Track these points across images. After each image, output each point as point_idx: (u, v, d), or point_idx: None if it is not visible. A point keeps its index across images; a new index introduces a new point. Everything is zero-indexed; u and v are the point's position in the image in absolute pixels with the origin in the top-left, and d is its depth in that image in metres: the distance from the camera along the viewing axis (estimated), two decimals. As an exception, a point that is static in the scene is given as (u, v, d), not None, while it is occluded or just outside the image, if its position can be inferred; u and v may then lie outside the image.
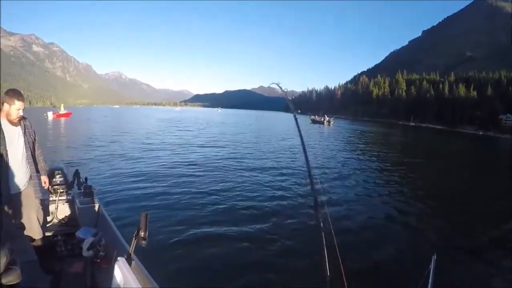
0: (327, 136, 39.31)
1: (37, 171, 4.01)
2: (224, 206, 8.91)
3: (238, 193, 10.31)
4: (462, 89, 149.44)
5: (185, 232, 6.87)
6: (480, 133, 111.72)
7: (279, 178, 13.20)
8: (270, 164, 16.56)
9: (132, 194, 9.52)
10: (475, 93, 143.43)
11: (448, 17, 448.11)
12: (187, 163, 15.20)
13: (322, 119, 70.23)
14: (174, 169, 13.60)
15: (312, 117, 76.57)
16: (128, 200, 8.93)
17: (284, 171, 14.76)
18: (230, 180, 12.02)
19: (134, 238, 2.21)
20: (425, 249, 7.16)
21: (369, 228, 8.16)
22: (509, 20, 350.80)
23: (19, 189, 3.69)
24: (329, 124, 65.64)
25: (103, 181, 10.75)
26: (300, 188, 11.29)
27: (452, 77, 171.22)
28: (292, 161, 17.88)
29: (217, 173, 13.20)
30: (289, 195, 10.49)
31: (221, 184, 11.30)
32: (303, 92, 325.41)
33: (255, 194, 10.23)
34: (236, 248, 6.37)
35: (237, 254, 6.17)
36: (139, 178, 11.48)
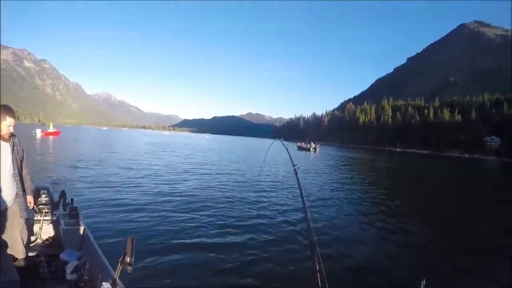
0: (312, 162, 39.50)
1: (23, 190, 3.94)
2: (212, 229, 8.85)
3: (224, 215, 10.23)
4: (446, 114, 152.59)
5: (171, 257, 6.80)
6: (466, 156, 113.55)
7: (265, 204, 13.34)
8: (258, 189, 16.63)
9: (119, 218, 9.27)
10: (459, 117, 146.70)
11: (432, 43, 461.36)
12: (174, 188, 15.05)
13: (308, 146, 70.77)
14: (162, 194, 13.42)
15: (299, 144, 77.29)
16: (114, 224, 8.48)
17: (270, 196, 14.84)
18: (217, 205, 11.95)
19: (119, 263, 2.15)
20: (414, 273, 6.98)
21: (356, 253, 8.07)
22: (490, 45, 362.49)
23: (4, 207, 3.63)
24: (315, 151, 66.28)
25: (90, 203, 10.50)
26: (287, 213, 11.45)
27: (437, 102, 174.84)
28: (276, 186, 17.97)
29: (205, 198, 13.11)
30: (275, 220, 10.54)
31: (208, 208, 11.21)
32: (290, 119, 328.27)
33: (242, 218, 10.17)
34: (224, 272, 6.36)
35: (224, 277, 6.21)
36: (126, 202, 11.31)
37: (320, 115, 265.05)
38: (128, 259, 2.06)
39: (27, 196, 4.00)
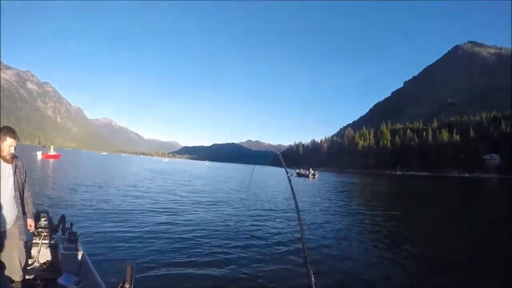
0: (312, 188, 39.57)
1: (24, 212, 3.94)
2: (212, 256, 8.84)
3: (223, 241, 10.30)
4: (445, 134, 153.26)
5: (172, 283, 6.84)
6: (466, 175, 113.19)
7: (262, 224, 13.50)
8: (256, 212, 16.76)
9: (118, 244, 9.13)
10: (458, 137, 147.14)
11: (428, 66, 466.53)
12: (174, 215, 15.05)
13: (307, 172, 71.37)
14: (162, 220, 13.32)
15: (298, 170, 77.55)
16: (113, 250, 8.61)
17: (268, 219, 14.97)
18: (218, 231, 12.04)
19: None
20: None
21: (349, 270, 8.15)
22: (485, 64, 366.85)
23: (4, 228, 3.63)
24: (314, 177, 66.52)
25: (89, 228, 10.38)
26: (282, 234, 11.61)
27: (435, 124, 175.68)
28: (274, 210, 18.08)
29: (205, 226, 13.13)
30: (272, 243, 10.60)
31: (207, 233, 11.29)
32: (290, 145, 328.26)
33: (240, 243, 10.23)
34: None
35: None
36: (126, 228, 11.25)
37: (319, 141, 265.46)
38: (127, 286, 2.08)
39: (28, 219, 4.01)
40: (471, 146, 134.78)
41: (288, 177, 3.23)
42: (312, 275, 1.74)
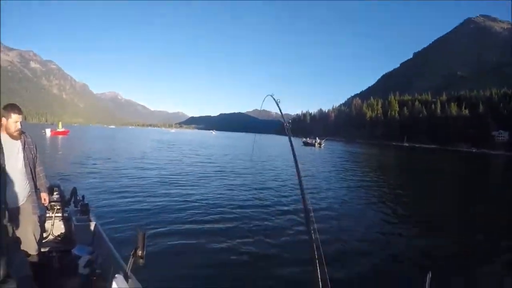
0: (318, 157, 39.78)
1: (37, 187, 3.99)
2: (221, 222, 8.94)
3: (233, 208, 10.46)
4: (454, 108, 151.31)
5: (182, 249, 6.87)
6: (474, 150, 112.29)
7: (269, 193, 13.58)
8: (262, 181, 16.83)
9: (129, 213, 9.31)
10: (467, 111, 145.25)
11: (438, 38, 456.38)
12: (182, 183, 15.29)
13: (314, 141, 72.11)
14: (170, 188, 13.65)
15: (304, 139, 79.08)
16: (125, 219, 8.83)
17: (274, 187, 15.03)
18: (227, 198, 12.20)
19: (131, 257, 2.16)
20: (420, 265, 7.04)
21: (360, 244, 8.08)
22: (497, 39, 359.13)
23: (17, 204, 3.67)
24: (320, 146, 67.34)
25: (100, 199, 10.59)
26: (290, 203, 11.66)
27: (444, 97, 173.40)
28: (280, 179, 18.16)
29: (213, 195, 13.29)
30: (279, 209, 10.68)
31: (217, 201, 11.48)
32: (297, 115, 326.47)
33: (248, 209, 10.35)
34: (234, 264, 6.38)
35: (234, 270, 6.21)
36: (135, 197, 11.43)
37: (326, 111, 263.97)
38: (139, 253, 2.05)
39: (41, 194, 4.08)
40: (480, 122, 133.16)
41: (293, 150, 3.29)
42: (314, 235, 1.85)
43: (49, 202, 4.55)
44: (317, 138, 76.38)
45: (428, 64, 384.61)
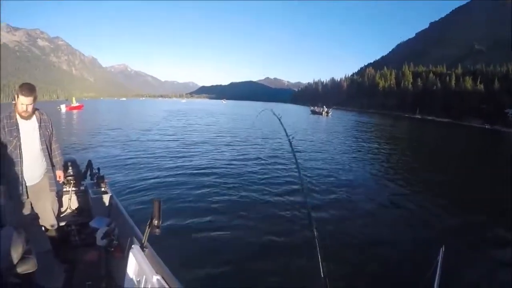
0: (324, 124, 40.70)
1: (53, 164, 4.07)
2: (231, 194, 9.33)
3: (241, 182, 10.80)
4: (469, 82, 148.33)
5: (195, 219, 7.16)
6: (487, 127, 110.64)
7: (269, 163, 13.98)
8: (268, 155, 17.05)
9: (144, 183, 9.93)
10: (481, 86, 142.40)
11: (455, 8, 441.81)
12: (195, 153, 15.66)
13: (321, 110, 75.61)
14: (183, 159, 14.03)
15: (312, 108, 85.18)
16: (140, 189, 9.20)
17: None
18: (236, 170, 12.55)
19: (147, 227, 2.12)
20: (432, 240, 7.06)
21: (370, 219, 8.30)
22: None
23: (35, 181, 3.80)
24: (327, 115, 70.54)
25: (115, 171, 11.07)
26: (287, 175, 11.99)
27: (459, 70, 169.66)
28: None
29: (226, 164, 13.69)
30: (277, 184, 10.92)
31: (229, 173, 11.88)
32: (309, 83, 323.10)
33: (256, 185, 10.65)
34: (242, 237, 6.67)
35: (241, 243, 6.41)
36: (150, 168, 11.91)
37: (339, 80, 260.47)
38: (155, 222, 1.98)
39: (57, 171, 4.17)
40: (495, 98, 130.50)
41: (289, 139, 3.50)
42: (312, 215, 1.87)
43: (66, 177, 4.70)
44: (324, 107, 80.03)
45: (445, 35, 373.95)
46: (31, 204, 3.83)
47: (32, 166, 3.76)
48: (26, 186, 3.72)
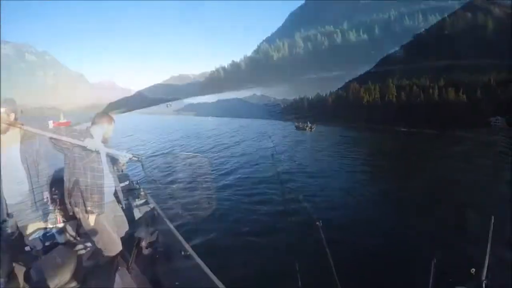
0: (308, 138, 42.42)
1: None
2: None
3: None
4: (451, 93, 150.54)
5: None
6: (470, 135, 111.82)
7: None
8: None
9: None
10: (464, 96, 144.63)
11: (437, 22, 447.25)
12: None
13: (305, 126, 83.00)
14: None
15: (296, 124, 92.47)
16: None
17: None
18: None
19: (134, 247, 2.16)
20: (425, 247, 7.25)
21: (363, 228, 8.33)
22: (497, 21, 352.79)
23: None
24: (311, 130, 78.90)
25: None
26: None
27: (442, 82, 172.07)
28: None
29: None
30: None
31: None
32: (294, 99, 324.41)
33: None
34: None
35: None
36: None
37: (324, 95, 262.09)
38: (143, 242, 2.05)
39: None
40: (477, 107, 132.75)
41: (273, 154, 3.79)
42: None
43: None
44: (308, 122, 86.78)
45: (428, 47, 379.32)
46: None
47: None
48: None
